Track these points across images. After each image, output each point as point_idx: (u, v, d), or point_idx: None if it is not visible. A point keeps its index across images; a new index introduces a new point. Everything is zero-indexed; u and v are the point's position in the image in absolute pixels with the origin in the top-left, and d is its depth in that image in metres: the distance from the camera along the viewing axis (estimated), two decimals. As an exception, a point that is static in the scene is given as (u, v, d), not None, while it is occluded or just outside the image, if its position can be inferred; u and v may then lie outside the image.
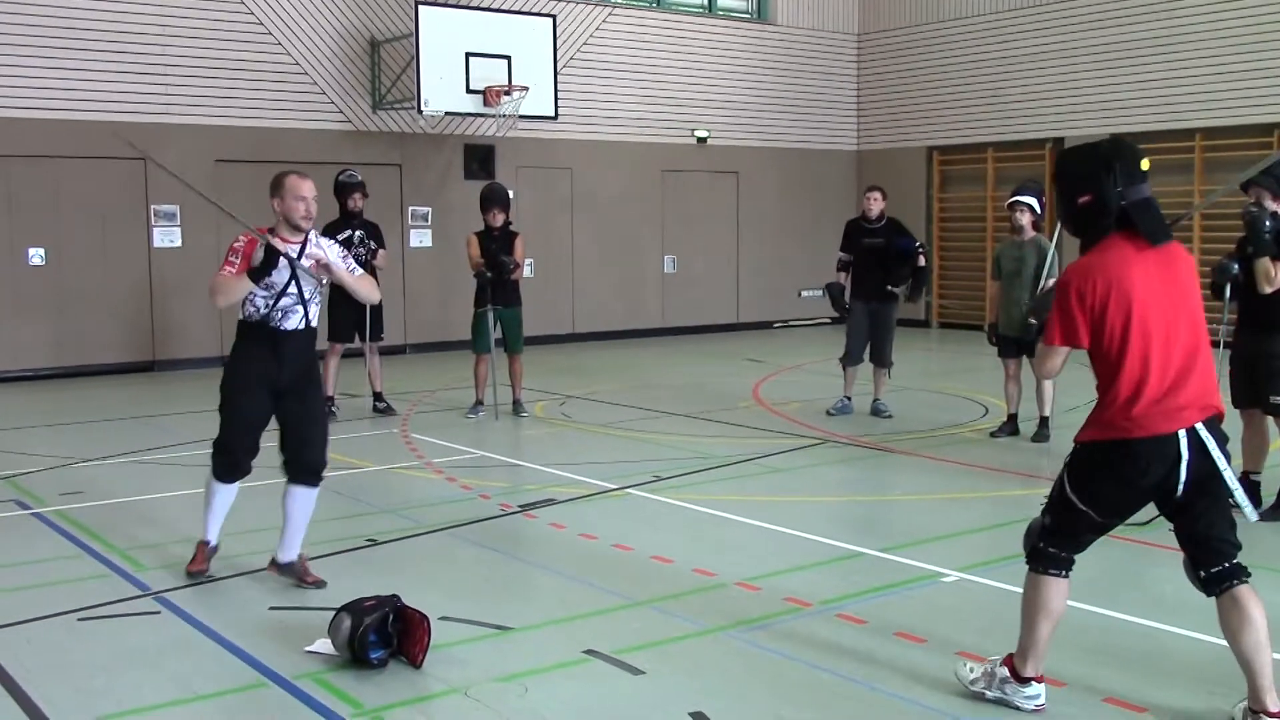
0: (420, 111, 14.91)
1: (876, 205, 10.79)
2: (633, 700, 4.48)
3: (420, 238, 16.40)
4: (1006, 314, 9.64)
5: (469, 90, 15.07)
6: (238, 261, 5.70)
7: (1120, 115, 17.16)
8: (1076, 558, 4.32)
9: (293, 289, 5.75)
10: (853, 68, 20.77)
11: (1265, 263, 6.79)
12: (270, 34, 15.18)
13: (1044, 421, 9.58)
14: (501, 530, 7.09)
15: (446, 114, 15.46)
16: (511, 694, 4.53)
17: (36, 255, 14.00)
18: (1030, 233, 9.56)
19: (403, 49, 15.58)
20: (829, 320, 19.73)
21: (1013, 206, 9.60)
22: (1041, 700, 4.31)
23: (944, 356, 16.65)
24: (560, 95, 16.16)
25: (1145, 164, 4.12)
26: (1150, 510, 4.23)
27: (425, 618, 4.84)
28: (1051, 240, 9.50)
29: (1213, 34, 16.12)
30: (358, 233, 10.87)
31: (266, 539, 6.71)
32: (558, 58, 16.04)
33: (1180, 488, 4.05)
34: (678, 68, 18.68)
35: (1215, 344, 7.65)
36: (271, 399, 5.81)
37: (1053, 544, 4.28)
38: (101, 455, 9.27)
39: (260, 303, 5.74)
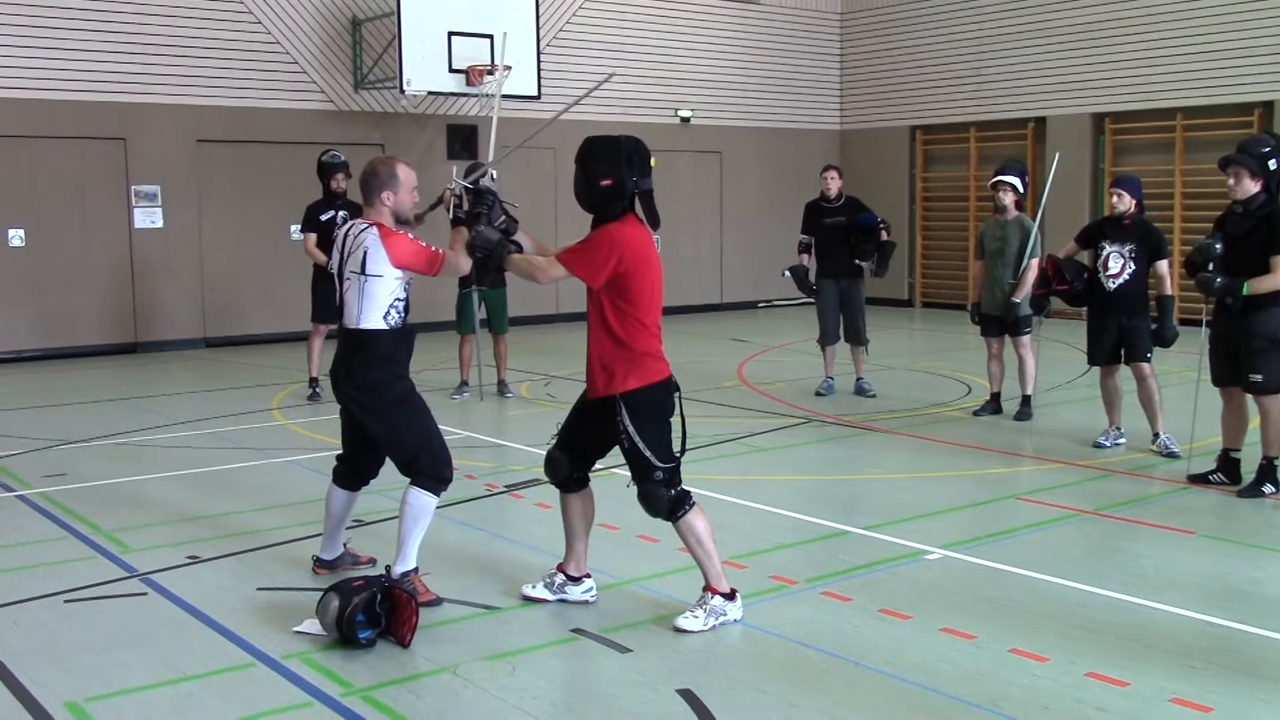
0: (402, 91, 14.84)
1: (834, 184, 10.81)
2: (620, 678, 4.51)
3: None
4: (989, 293, 9.67)
5: (451, 70, 14.99)
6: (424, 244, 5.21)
7: (1101, 94, 17.21)
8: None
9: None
10: (836, 47, 20.76)
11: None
12: (251, 12, 15.07)
13: (1026, 400, 9.63)
14: (488, 510, 7.11)
15: (429, 94, 15.39)
16: (500, 673, 4.56)
17: (16, 236, 13.90)
18: (1013, 212, 9.58)
19: (384, 28, 15.50)
20: (812, 300, 19.76)
21: (996, 186, 9.62)
22: (740, 606, 5.06)
23: (927, 336, 16.70)
24: (543, 75, 16.11)
25: (653, 162, 5.01)
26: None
27: (413, 597, 4.87)
28: (1035, 220, 9.57)
29: (1192, 13, 16.16)
30: (341, 213, 10.81)
31: (257, 519, 6.72)
32: (540, 37, 15.98)
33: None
34: (661, 47, 18.64)
35: (1197, 323, 7.72)
36: None
37: (678, 483, 5.02)
38: (85, 437, 9.24)
39: (401, 305, 5.24)
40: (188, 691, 4.41)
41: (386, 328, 5.22)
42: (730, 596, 5.05)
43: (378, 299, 5.19)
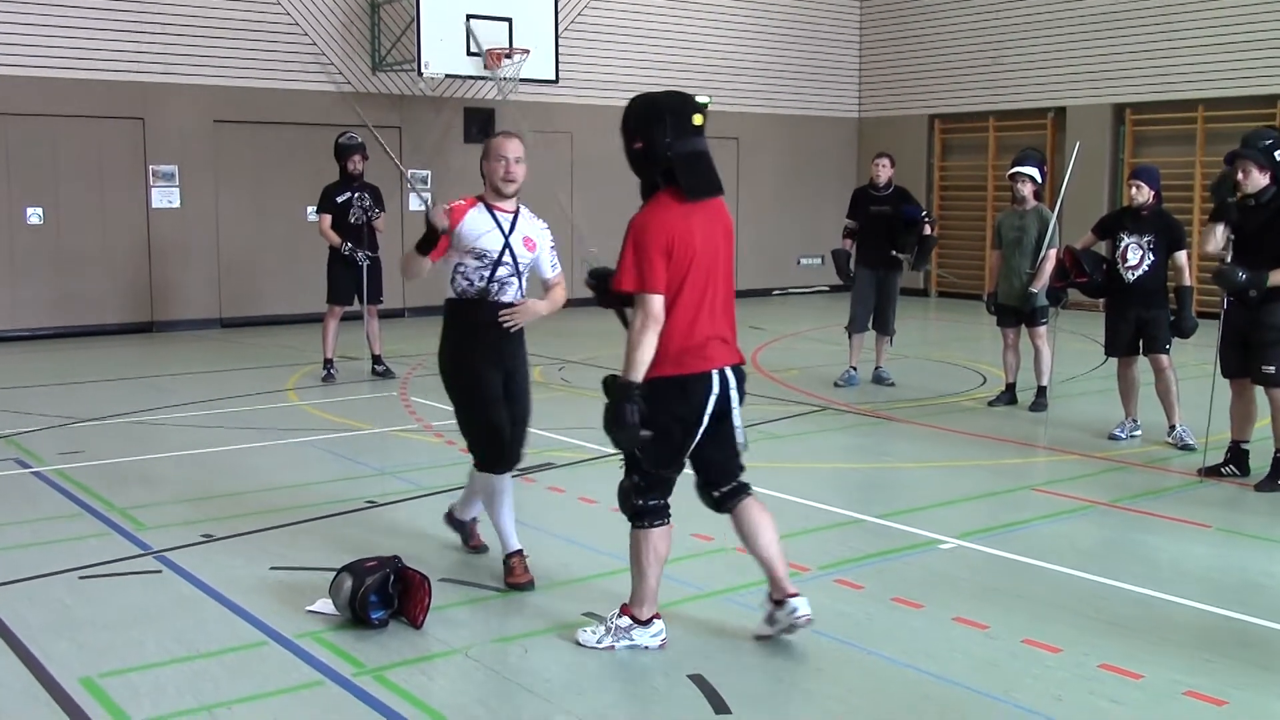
0: (420, 74, 14.82)
1: (885, 172, 10.73)
2: (632, 662, 4.51)
3: (420, 201, 16.34)
4: (1006, 283, 9.63)
5: (469, 53, 14.96)
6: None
7: (1121, 85, 17.10)
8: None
9: (508, 257, 5.25)
10: (855, 34, 20.65)
11: None
12: (270, -6, 15.07)
13: (1041, 391, 9.59)
14: (501, 493, 7.10)
15: (446, 76, 15.37)
16: (512, 654, 4.57)
17: (34, 215, 13.95)
18: (1032, 202, 9.54)
19: (403, 10, 15.48)
20: (828, 288, 19.73)
21: (1014, 177, 9.57)
22: (664, 635, 4.61)
23: (943, 325, 16.65)
24: (561, 59, 16.07)
25: (698, 119, 4.31)
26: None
27: (426, 579, 4.87)
28: (1054, 210, 9.52)
29: (1214, 4, 16.02)
30: (357, 195, 10.85)
31: (271, 498, 6.74)
32: (559, 21, 15.93)
33: (706, 419, 4.43)
34: (679, 32, 18.57)
35: (1216, 315, 7.66)
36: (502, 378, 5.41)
37: (651, 497, 4.50)
38: (101, 415, 9.28)
39: (474, 275, 5.23)
40: (201, 669, 4.42)
41: (452, 295, 5.33)
42: (645, 624, 4.60)
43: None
